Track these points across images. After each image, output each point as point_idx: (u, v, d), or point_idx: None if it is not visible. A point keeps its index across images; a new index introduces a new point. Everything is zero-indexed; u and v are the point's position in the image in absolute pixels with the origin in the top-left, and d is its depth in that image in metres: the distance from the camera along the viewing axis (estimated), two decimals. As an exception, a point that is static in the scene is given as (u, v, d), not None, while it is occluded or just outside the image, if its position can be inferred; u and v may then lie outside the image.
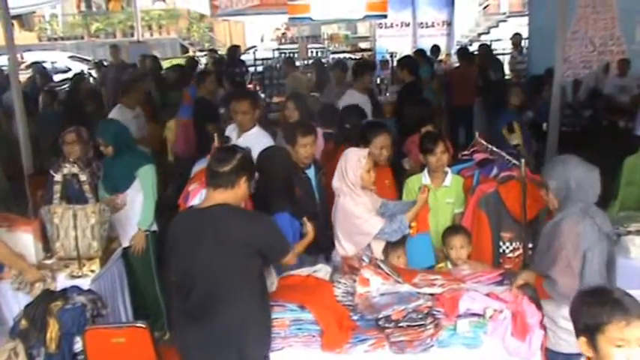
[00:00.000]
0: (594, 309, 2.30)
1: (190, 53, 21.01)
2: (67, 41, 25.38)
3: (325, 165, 4.93)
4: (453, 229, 4.29)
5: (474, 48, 14.41)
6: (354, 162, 4.12)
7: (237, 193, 3.34)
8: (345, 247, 4.08)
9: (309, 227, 3.91)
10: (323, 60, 14.20)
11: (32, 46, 22.84)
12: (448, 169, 4.70)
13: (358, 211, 4.06)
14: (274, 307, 3.46)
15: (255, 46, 16.78)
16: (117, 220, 5.04)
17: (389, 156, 4.79)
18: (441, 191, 4.61)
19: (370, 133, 4.80)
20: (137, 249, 5.03)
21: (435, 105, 7.65)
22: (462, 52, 11.22)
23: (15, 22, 21.24)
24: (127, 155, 4.99)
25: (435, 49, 12.67)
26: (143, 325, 3.77)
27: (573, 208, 3.43)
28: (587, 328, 2.31)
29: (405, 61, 8.97)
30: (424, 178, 4.68)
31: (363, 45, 16.41)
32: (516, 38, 13.15)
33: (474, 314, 3.40)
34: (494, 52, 14.82)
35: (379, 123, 5.30)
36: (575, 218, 3.41)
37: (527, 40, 13.42)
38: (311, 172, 4.63)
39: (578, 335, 2.36)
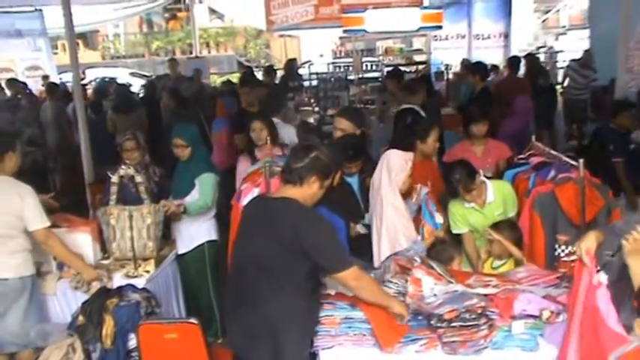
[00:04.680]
0: None
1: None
2: (128, 59, 26.15)
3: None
4: (494, 223, 4.26)
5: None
6: (402, 164, 4.11)
7: (306, 192, 3.30)
8: (383, 247, 4.04)
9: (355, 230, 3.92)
10: (377, 74, 14.26)
11: (96, 63, 23.65)
12: (485, 180, 4.49)
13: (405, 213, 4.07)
14: (324, 304, 3.44)
15: (309, 61, 16.89)
16: (174, 227, 5.14)
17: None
18: (487, 209, 4.45)
19: (423, 127, 4.86)
20: (165, 206, 4.82)
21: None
22: (511, 61, 10.95)
23: (80, 41, 22.06)
24: (194, 161, 5.05)
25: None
26: (195, 322, 3.81)
27: None
28: None
29: (476, 66, 8.95)
30: (466, 202, 4.47)
31: (418, 58, 16.31)
32: (587, 56, 11.98)
33: (529, 315, 3.30)
34: (557, 65, 14.55)
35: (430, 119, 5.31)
36: None
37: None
38: (353, 178, 4.61)
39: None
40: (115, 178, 4.68)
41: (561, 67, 13.88)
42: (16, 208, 4.16)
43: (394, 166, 4.09)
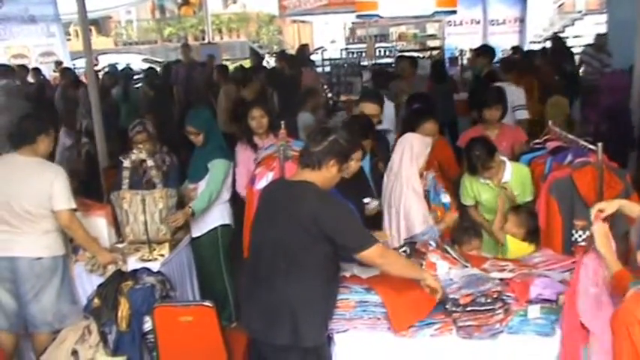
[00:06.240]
0: None
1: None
2: (141, 45, 26.19)
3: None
4: (513, 207, 4.31)
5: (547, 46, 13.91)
6: (423, 148, 4.10)
7: (324, 176, 3.29)
8: (402, 228, 4.03)
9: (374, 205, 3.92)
10: (391, 59, 14.17)
11: (109, 50, 23.68)
12: (505, 160, 4.51)
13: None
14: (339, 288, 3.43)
15: (322, 47, 16.83)
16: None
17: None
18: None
19: (416, 120, 4.79)
20: (174, 222, 4.82)
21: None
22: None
23: (92, 27, 22.08)
24: (208, 146, 5.03)
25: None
26: (210, 305, 3.82)
27: None
28: None
29: (482, 49, 8.94)
30: (481, 177, 4.50)
31: (431, 43, 16.21)
32: (601, 40, 11.48)
33: (545, 300, 3.27)
34: (572, 50, 14.34)
35: (426, 110, 5.25)
36: None
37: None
38: (365, 161, 4.59)
39: None
40: (127, 163, 4.68)
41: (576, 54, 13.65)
42: (47, 188, 4.18)
43: (415, 149, 4.08)
